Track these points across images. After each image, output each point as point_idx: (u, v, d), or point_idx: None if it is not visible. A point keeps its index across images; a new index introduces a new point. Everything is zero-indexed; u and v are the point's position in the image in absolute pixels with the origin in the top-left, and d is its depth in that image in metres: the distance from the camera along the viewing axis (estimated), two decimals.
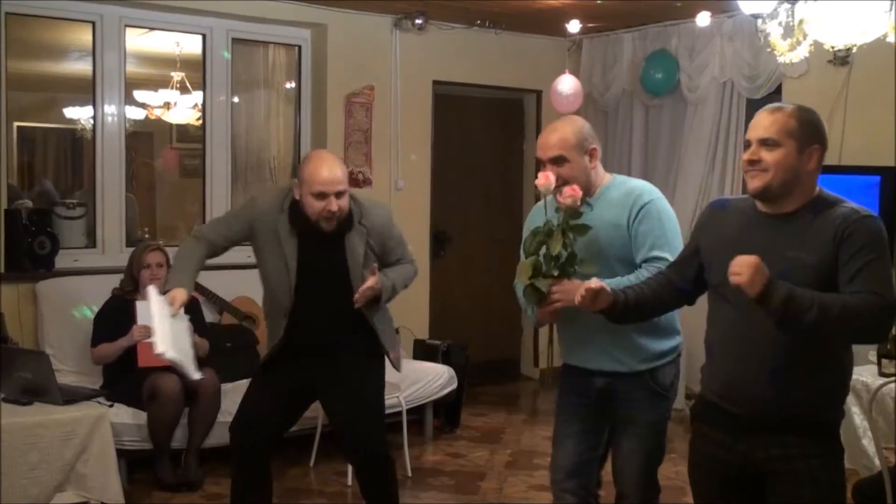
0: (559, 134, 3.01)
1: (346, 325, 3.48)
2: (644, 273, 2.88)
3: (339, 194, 3.30)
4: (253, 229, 3.45)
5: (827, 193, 2.47)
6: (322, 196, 3.28)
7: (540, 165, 3.04)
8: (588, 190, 3.01)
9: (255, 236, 3.45)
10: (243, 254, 4.18)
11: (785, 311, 2.27)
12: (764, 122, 2.44)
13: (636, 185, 3.09)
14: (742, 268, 2.28)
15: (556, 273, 2.84)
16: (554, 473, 3.18)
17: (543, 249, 2.85)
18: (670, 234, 2.97)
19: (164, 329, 3.16)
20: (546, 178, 2.91)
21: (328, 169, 3.32)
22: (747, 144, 2.47)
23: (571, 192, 2.84)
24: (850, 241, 2.33)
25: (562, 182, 2.96)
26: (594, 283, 2.59)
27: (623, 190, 3.04)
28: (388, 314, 3.66)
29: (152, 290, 3.31)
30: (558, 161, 2.98)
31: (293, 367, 3.48)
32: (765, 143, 2.41)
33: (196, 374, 3.27)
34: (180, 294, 3.25)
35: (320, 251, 3.41)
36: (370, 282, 3.39)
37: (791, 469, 2.44)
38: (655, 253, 2.92)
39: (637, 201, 2.98)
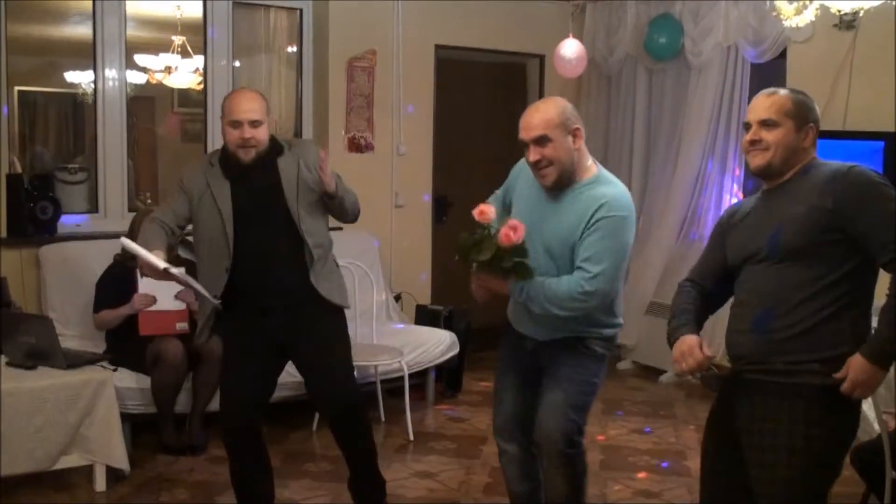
0: (542, 114, 2.98)
1: (294, 274, 3.43)
2: (567, 279, 2.90)
3: (253, 123, 3.36)
4: (188, 194, 3.46)
5: (819, 160, 2.61)
6: (237, 124, 3.35)
7: (523, 147, 3.02)
8: (572, 174, 2.99)
9: (192, 201, 3.46)
10: None
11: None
12: (763, 105, 2.60)
13: (609, 192, 2.96)
14: (858, 387, 2.42)
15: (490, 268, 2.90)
16: (496, 424, 3.27)
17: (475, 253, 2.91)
18: (611, 255, 2.90)
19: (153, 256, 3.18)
20: (481, 213, 2.92)
21: (244, 99, 3.42)
22: (747, 127, 2.62)
23: (507, 234, 2.85)
24: (859, 197, 2.43)
25: (546, 164, 2.95)
26: (707, 349, 2.58)
27: (595, 193, 2.95)
28: (332, 264, 3.59)
29: (125, 241, 3.26)
30: (541, 141, 2.95)
31: (257, 335, 3.47)
32: (764, 123, 2.57)
33: (215, 300, 3.36)
34: (157, 252, 3.24)
35: (254, 191, 3.41)
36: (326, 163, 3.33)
37: (758, 431, 2.55)
38: (588, 265, 2.89)
39: (598, 212, 2.90)
